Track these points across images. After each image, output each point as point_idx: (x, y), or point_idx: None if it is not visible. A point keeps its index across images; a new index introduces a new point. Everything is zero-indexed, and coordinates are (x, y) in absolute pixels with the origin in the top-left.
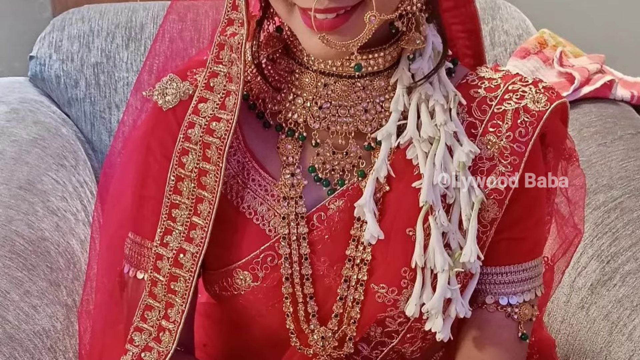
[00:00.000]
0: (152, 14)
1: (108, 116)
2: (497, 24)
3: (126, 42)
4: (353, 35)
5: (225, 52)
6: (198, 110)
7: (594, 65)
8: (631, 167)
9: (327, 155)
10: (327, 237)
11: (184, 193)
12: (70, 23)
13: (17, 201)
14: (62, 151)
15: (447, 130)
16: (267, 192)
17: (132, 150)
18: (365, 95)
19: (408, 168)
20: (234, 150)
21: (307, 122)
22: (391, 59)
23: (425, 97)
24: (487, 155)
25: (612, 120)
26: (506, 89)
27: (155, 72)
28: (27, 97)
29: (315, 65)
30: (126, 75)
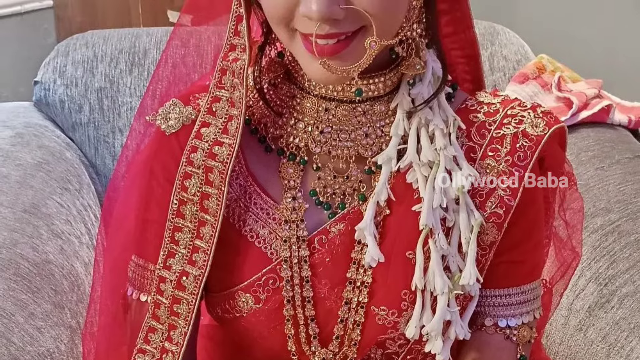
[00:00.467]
0: (155, 39)
1: (112, 140)
2: (496, 50)
3: (129, 68)
4: (354, 61)
5: (227, 77)
6: (201, 134)
7: (591, 90)
8: (628, 190)
9: (328, 179)
10: (328, 260)
11: (186, 216)
12: (74, 48)
13: (21, 224)
14: (66, 175)
15: (447, 154)
16: (268, 215)
17: (136, 174)
18: (366, 120)
19: (408, 192)
20: (236, 174)
21: (309, 147)
22: (391, 84)
23: (425, 122)
24: (486, 179)
25: (609, 144)
26: (505, 114)
27: (158, 97)
28: (32, 122)
29: (316, 90)
30: (129, 100)
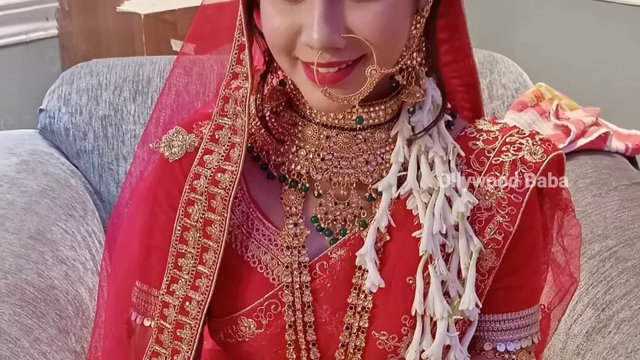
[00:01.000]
0: (158, 68)
1: (116, 167)
2: (495, 78)
3: (133, 96)
4: (354, 89)
5: (230, 105)
6: (203, 161)
7: (589, 118)
8: (625, 217)
9: (329, 205)
10: (330, 285)
11: (189, 242)
12: (79, 77)
13: (27, 250)
14: (71, 202)
15: (446, 181)
16: (270, 241)
17: (139, 200)
18: (367, 147)
19: (408, 218)
20: (238, 200)
21: (310, 174)
22: (392, 112)
23: (425, 149)
24: (485, 206)
25: (607, 171)
26: (504, 141)
27: (161, 124)
28: (37, 149)
29: (317, 117)
30: (133, 127)
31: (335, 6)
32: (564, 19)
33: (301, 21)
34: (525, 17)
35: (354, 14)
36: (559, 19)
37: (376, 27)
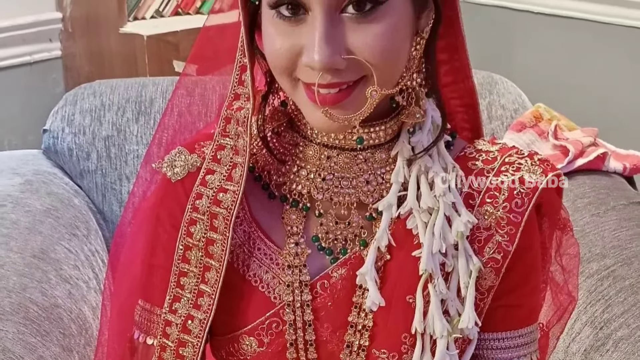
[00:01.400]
0: (161, 89)
1: (119, 187)
2: (494, 99)
3: (136, 116)
4: (355, 110)
5: (231, 125)
6: (205, 181)
7: (587, 138)
8: (623, 236)
9: (330, 225)
10: (330, 304)
11: (192, 262)
12: (82, 98)
13: (31, 269)
14: (74, 221)
15: (446, 201)
16: (272, 260)
17: (142, 220)
18: (367, 167)
19: (408, 237)
20: (240, 220)
21: (311, 193)
22: (392, 132)
23: (424, 169)
24: (485, 225)
25: (605, 191)
26: (503, 161)
27: (164, 145)
28: (41, 169)
29: (318, 138)
30: (136, 148)
31: (335, 27)
32: (562, 41)
33: (302, 42)
34: (524, 38)
35: (355, 35)
36: (558, 40)
37: (376, 49)
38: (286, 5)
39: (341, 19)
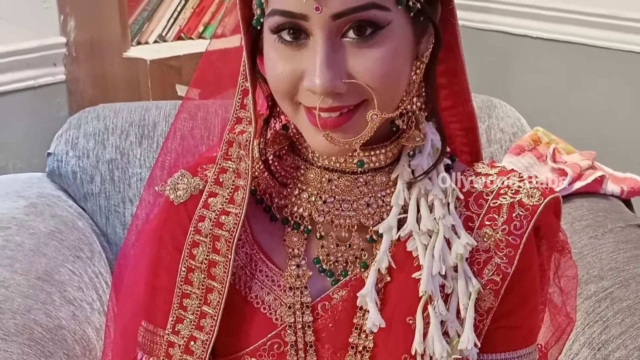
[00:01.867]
0: (164, 112)
1: (122, 210)
2: (493, 123)
3: (139, 140)
4: (356, 133)
5: (234, 149)
6: (208, 204)
7: (585, 161)
8: (621, 258)
9: (331, 247)
10: (331, 325)
11: (194, 283)
12: (86, 121)
13: (35, 291)
14: (78, 243)
15: (446, 223)
16: (273, 282)
17: (145, 242)
18: (368, 190)
19: (408, 259)
20: (242, 242)
21: (312, 216)
22: (392, 156)
23: (424, 192)
24: (484, 247)
25: (602, 214)
26: (502, 184)
27: (167, 168)
28: (45, 192)
29: (319, 161)
30: (139, 171)
31: (336, 52)
32: (560, 65)
33: (303, 67)
34: (523, 63)
35: (355, 59)
36: (556, 65)
37: (377, 73)
38: (288, 30)
39: (342, 43)
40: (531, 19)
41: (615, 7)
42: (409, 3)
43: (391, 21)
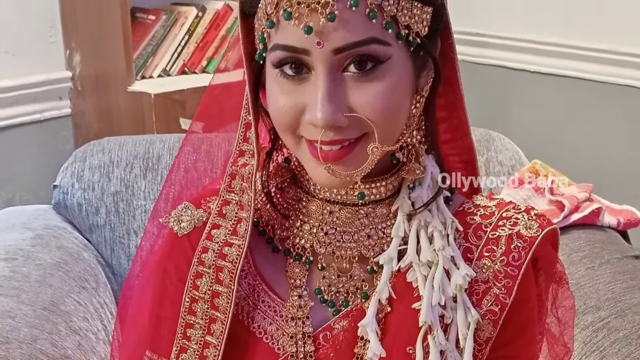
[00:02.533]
0: (168, 145)
1: (127, 242)
2: (492, 155)
3: (144, 172)
4: (357, 166)
5: (236, 181)
6: (211, 236)
7: (582, 194)
8: (617, 289)
9: (332, 278)
10: (333, 355)
11: (198, 314)
12: (91, 154)
13: (41, 321)
14: (83, 274)
15: (445, 254)
16: (276, 312)
17: (150, 273)
18: (368, 222)
19: (408, 290)
20: (245, 273)
21: (314, 247)
22: (392, 188)
23: (424, 224)
24: (483, 278)
25: (599, 245)
26: (500, 216)
27: (171, 200)
28: (51, 224)
29: (321, 193)
30: (144, 203)
31: (338, 86)
32: (558, 99)
33: (305, 101)
34: (521, 96)
35: (356, 93)
36: (554, 98)
37: (377, 107)
38: (290, 64)
39: (343, 77)
40: (529, 54)
41: (612, 42)
42: (409, 38)
43: (391, 56)
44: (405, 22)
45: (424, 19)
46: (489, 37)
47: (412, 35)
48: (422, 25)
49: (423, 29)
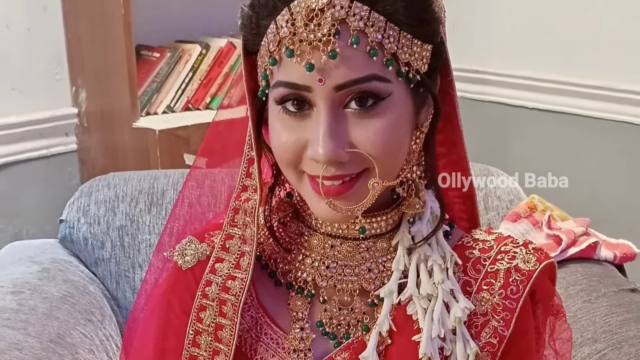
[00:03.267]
0: (172, 180)
1: (132, 275)
2: (491, 190)
3: (148, 207)
4: (358, 201)
5: (239, 216)
6: (215, 269)
7: (579, 228)
8: (614, 322)
9: (333, 311)
10: None
11: (202, 346)
12: (97, 189)
13: (48, 354)
14: (89, 307)
15: (445, 288)
16: (278, 345)
17: (154, 306)
18: (369, 256)
19: (408, 323)
20: (248, 306)
21: (316, 281)
22: (393, 223)
23: (424, 258)
24: (481, 311)
25: (596, 279)
26: (499, 250)
27: (175, 234)
28: (58, 258)
29: (323, 228)
30: (148, 237)
31: (339, 122)
32: (555, 135)
33: (307, 137)
34: (519, 132)
35: (357, 130)
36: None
37: (378, 143)
38: (292, 101)
39: (344, 114)
40: (527, 91)
41: (608, 79)
42: (409, 75)
43: (392, 92)
44: (406, 59)
45: (424, 57)
46: (488, 75)
47: (412, 72)
48: (422, 63)
49: (423, 66)
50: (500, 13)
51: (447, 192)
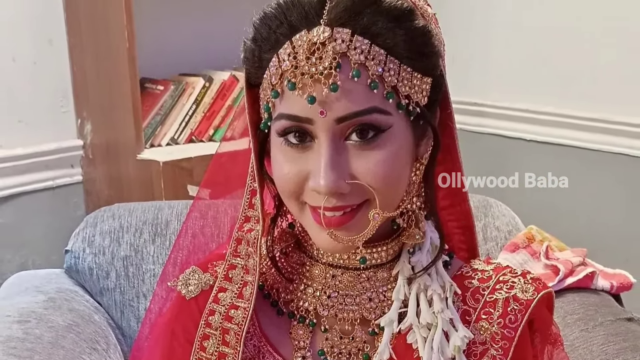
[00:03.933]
0: (176, 211)
1: (136, 304)
2: (489, 221)
3: (153, 237)
4: (358, 231)
5: (242, 246)
6: (218, 299)
7: (577, 258)
8: (611, 350)
9: (335, 339)
10: None
11: None
12: (102, 220)
13: None
14: (94, 336)
15: (444, 317)
16: None
17: (158, 335)
18: (370, 286)
19: (408, 351)
20: (250, 335)
21: (317, 310)
22: (393, 253)
23: (424, 287)
24: (480, 340)
25: (593, 308)
26: (497, 280)
27: (179, 264)
28: (63, 287)
29: (324, 258)
30: (153, 267)
31: (340, 154)
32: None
33: (309, 168)
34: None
35: (358, 161)
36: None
37: (379, 174)
38: (294, 133)
39: (345, 146)
40: (525, 123)
41: (605, 112)
42: (409, 107)
43: (392, 125)
44: (406, 92)
45: (424, 89)
46: (487, 107)
47: (412, 104)
48: (422, 95)
49: (423, 98)
50: (499, 47)
51: (446, 222)
